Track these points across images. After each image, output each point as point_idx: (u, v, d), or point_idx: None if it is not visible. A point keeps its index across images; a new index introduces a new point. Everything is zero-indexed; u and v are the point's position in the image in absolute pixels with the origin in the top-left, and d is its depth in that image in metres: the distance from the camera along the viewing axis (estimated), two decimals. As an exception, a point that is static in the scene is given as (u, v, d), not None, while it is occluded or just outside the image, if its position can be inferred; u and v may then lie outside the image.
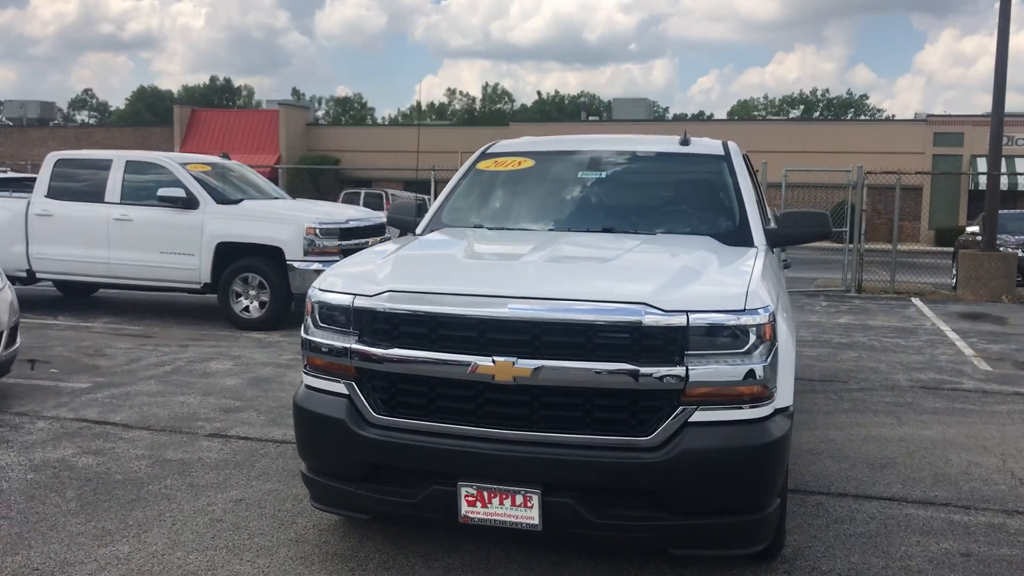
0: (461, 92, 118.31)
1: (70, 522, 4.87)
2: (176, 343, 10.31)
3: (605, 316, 3.77)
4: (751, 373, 3.80)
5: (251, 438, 6.46)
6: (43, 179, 12.05)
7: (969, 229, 19.29)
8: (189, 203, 11.28)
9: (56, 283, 13.48)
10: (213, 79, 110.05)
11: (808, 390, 8.36)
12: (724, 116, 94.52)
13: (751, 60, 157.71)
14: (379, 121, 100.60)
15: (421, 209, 5.75)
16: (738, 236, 5.10)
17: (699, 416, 3.80)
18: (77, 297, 13.85)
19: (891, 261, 16.24)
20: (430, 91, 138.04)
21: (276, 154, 49.78)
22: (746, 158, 6.30)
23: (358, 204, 24.12)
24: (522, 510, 3.85)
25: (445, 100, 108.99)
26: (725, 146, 5.72)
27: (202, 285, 11.35)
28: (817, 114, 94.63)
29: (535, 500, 3.82)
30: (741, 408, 3.84)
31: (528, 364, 3.79)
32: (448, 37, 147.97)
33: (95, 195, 11.74)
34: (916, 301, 15.33)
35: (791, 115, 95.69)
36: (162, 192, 11.23)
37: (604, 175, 5.58)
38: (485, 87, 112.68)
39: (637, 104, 57.91)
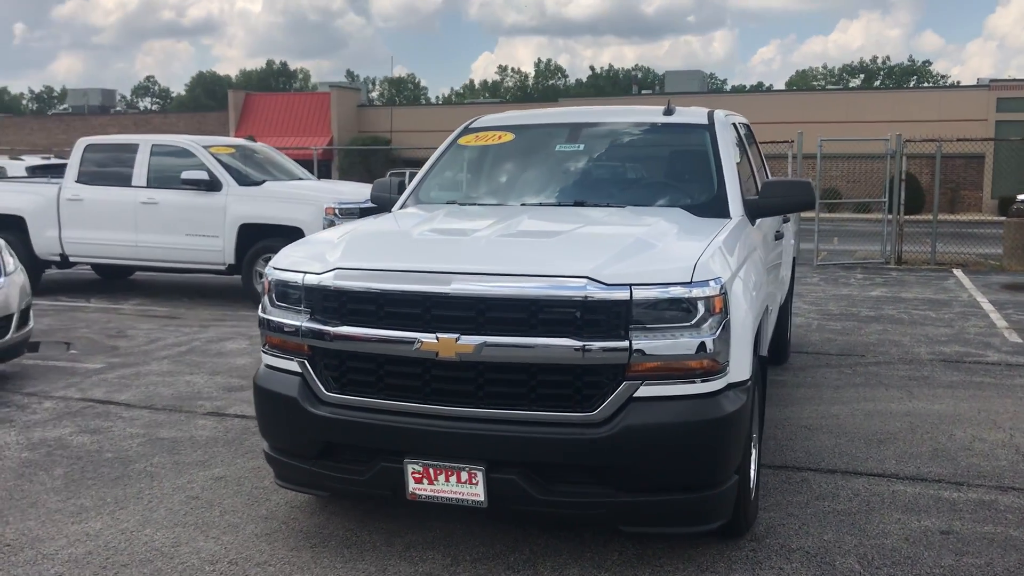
0: (513, 69, 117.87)
1: (51, 499, 4.97)
2: (198, 323, 10.47)
3: (547, 291, 3.71)
4: (700, 347, 3.71)
5: (247, 416, 6.52)
6: (73, 164, 12.30)
7: (1021, 197, 18.65)
8: (212, 185, 11.41)
9: (93, 266, 13.78)
10: (270, 63, 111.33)
11: (822, 364, 8.18)
12: (783, 87, 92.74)
13: (814, 28, 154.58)
14: (432, 101, 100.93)
15: (401, 187, 5.72)
16: (713, 207, 4.98)
17: (645, 391, 3.72)
18: (114, 279, 14.13)
19: (932, 231, 15.77)
20: (485, 69, 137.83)
21: (328, 136, 50.20)
22: (739, 127, 6.15)
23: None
24: (467, 487, 3.82)
25: (498, 78, 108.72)
26: (710, 115, 5.58)
27: (226, 266, 11.50)
28: (878, 83, 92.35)
29: (480, 477, 3.78)
30: (691, 382, 3.75)
31: (471, 340, 3.75)
32: (503, 14, 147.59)
33: (123, 179, 11.95)
34: (957, 272, 14.89)
35: (851, 84, 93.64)
36: (185, 175, 11.38)
37: (581, 147, 5.48)
38: (538, 63, 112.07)
39: (691, 76, 57.02)
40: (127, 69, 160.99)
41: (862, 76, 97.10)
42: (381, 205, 5.81)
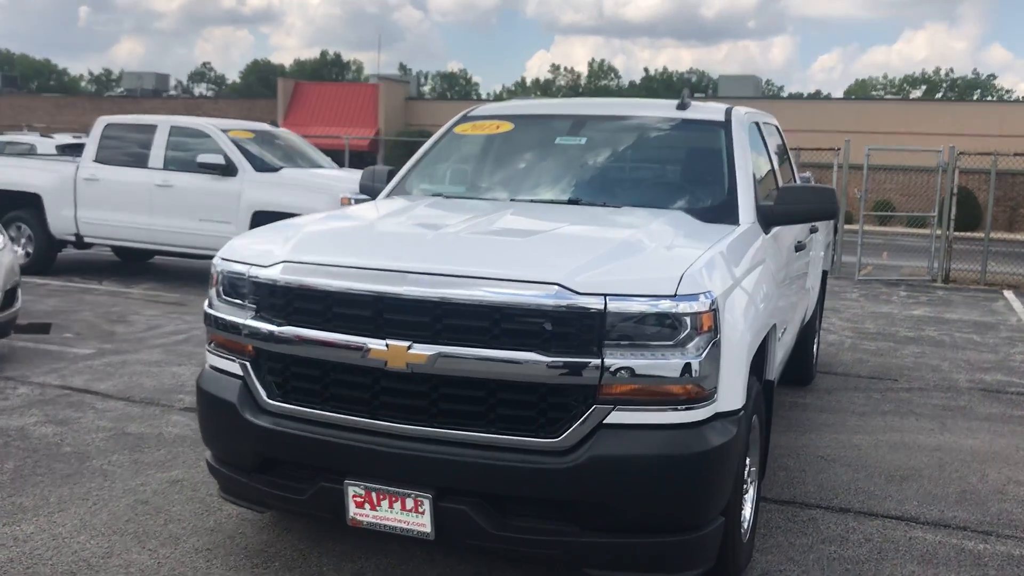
0: (566, 68, 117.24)
1: (-10, 496, 4.62)
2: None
3: (511, 297, 3.26)
4: (684, 369, 3.24)
5: (224, 414, 6.14)
6: (92, 143, 12.07)
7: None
8: (228, 170, 11.10)
9: (112, 248, 13.56)
10: (323, 53, 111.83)
11: (850, 387, 7.60)
12: (841, 96, 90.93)
13: (877, 38, 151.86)
14: (484, 97, 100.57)
15: (391, 176, 5.29)
16: (721, 212, 4.48)
17: (618, 417, 3.25)
18: (133, 262, 13.90)
19: (984, 249, 14.99)
20: (539, 67, 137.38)
21: (375, 128, 50.06)
22: (763, 128, 5.63)
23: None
24: (413, 515, 3.38)
25: (550, 77, 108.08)
26: (728, 112, 5.07)
27: (239, 254, 11.16)
28: (939, 95, 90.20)
29: (426, 505, 3.34)
30: (671, 410, 3.28)
31: (424, 350, 3.31)
32: (560, 13, 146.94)
33: (139, 160, 11.69)
34: (1008, 294, 14.11)
35: (912, 95, 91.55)
36: (201, 159, 11.07)
37: (584, 141, 5.01)
38: (591, 63, 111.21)
39: (744, 81, 55.99)
40: (186, 55, 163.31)
41: (923, 88, 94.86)
42: (370, 195, 5.38)
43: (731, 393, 3.45)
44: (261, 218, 10.92)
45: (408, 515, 3.38)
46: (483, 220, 4.02)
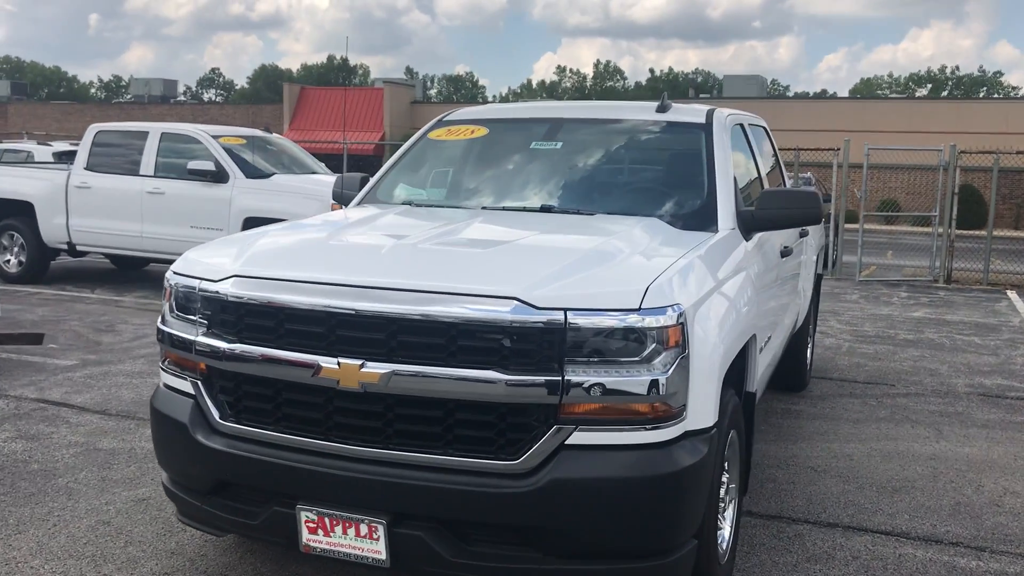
0: (571, 70, 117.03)
1: (-51, 518, 4.49)
2: (194, 320, 10.01)
3: (467, 312, 3.11)
4: (649, 386, 3.08)
5: (200, 428, 6.00)
6: (83, 151, 11.95)
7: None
8: (219, 176, 10.97)
9: (107, 256, 13.45)
10: (331, 58, 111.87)
11: (845, 393, 7.43)
12: (847, 95, 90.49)
13: (883, 36, 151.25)
14: (490, 99, 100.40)
15: (364, 183, 5.14)
16: (699, 218, 4.33)
17: (580, 437, 3.10)
18: (128, 270, 13.79)
19: (986, 249, 14.76)
20: (547, 69, 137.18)
21: (380, 131, 49.96)
22: (749, 130, 5.47)
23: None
24: (367, 542, 3.23)
25: (556, 78, 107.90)
26: (709, 114, 4.90)
27: (230, 261, 11.03)
28: (945, 93, 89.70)
29: (381, 531, 3.19)
30: (637, 429, 3.13)
31: (377, 368, 3.16)
32: (567, 15, 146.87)
33: (131, 168, 11.58)
34: (1011, 295, 13.88)
35: (917, 94, 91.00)
36: (192, 165, 10.95)
37: (559, 146, 4.85)
38: (596, 64, 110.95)
39: (750, 81, 55.73)
40: (195, 61, 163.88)
41: (929, 86, 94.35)
42: (343, 204, 5.24)
43: (702, 410, 3.29)
44: (252, 224, 10.76)
45: (362, 541, 3.23)
46: (447, 230, 3.87)
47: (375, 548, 3.22)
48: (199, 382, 3.54)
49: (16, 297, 11.15)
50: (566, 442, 3.09)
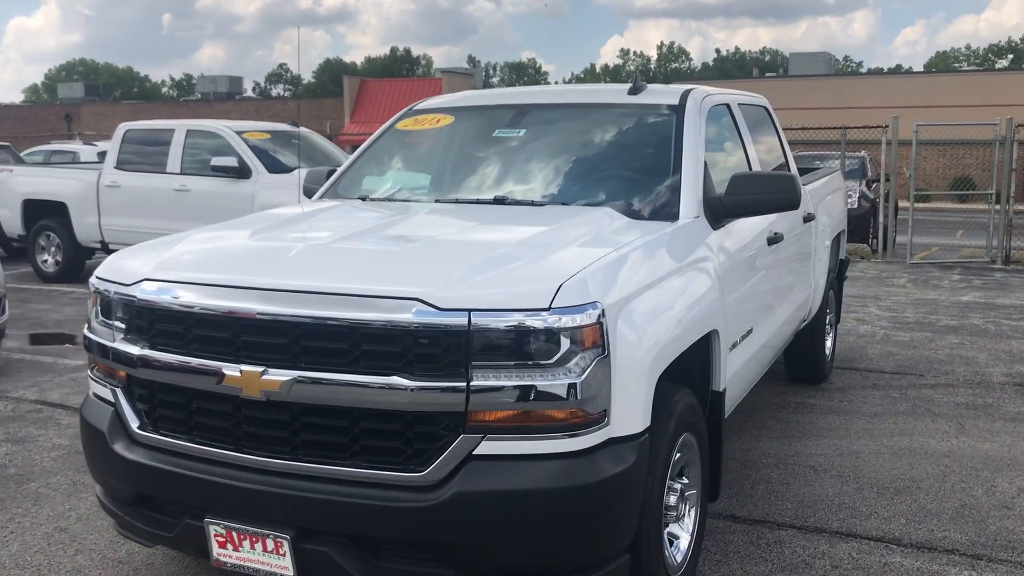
0: (636, 53, 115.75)
1: (-90, 525, 4.47)
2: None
3: (369, 315, 2.92)
4: (562, 391, 2.85)
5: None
6: (113, 150, 12.06)
7: None
8: (242, 172, 10.96)
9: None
10: (394, 50, 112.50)
11: (868, 385, 7.04)
12: (922, 69, 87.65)
13: (964, 6, 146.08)
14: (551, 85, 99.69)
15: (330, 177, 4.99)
16: (658, 207, 4.07)
17: (489, 447, 2.90)
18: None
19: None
20: (613, 53, 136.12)
21: (439, 122, 49.97)
22: (737, 111, 5.15)
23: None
24: (275, 557, 3.08)
25: (620, 62, 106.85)
26: (684, 95, 4.61)
27: (255, 258, 11.02)
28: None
29: (287, 547, 3.03)
30: (551, 437, 2.91)
31: (279, 375, 3.00)
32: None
33: (158, 166, 11.64)
34: (1075, 275, 13.16)
35: (997, 66, 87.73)
36: (215, 162, 10.95)
37: (522, 133, 4.61)
38: (660, 46, 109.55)
39: (817, 58, 54.25)
40: (265, 57, 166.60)
41: (1011, 57, 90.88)
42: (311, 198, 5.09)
43: (629, 415, 3.05)
44: (274, 220, 10.76)
45: (270, 557, 3.08)
46: (376, 227, 3.70)
47: (282, 564, 3.06)
48: (118, 390, 3.43)
49: (50, 296, 11.32)
50: (474, 452, 2.89)
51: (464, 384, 2.85)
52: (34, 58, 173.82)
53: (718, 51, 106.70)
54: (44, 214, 12.38)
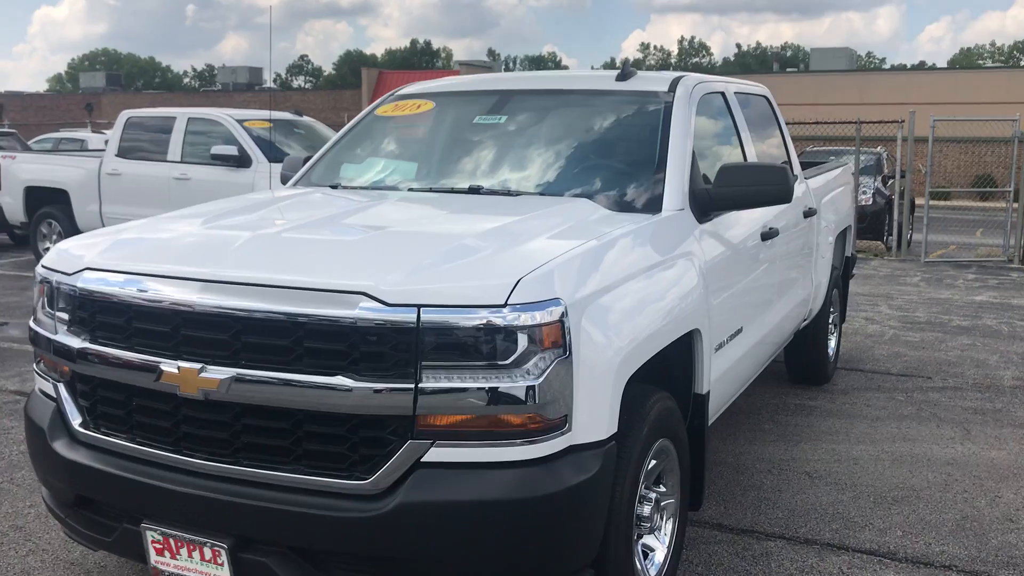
0: (656, 47, 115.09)
1: None
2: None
3: (312, 309, 2.72)
4: (518, 394, 2.65)
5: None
6: (114, 138, 11.92)
7: None
8: (242, 161, 10.79)
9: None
10: (414, 42, 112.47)
11: (872, 387, 6.79)
12: (945, 67, 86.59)
13: (989, 2, 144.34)
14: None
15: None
16: (640, 198, 3.85)
17: (438, 454, 2.70)
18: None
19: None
20: (634, 48, 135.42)
21: (455, 113, 49.80)
22: (729, 99, 4.92)
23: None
24: (213, 567, 2.89)
25: (640, 56, 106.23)
26: (673, 83, 4.38)
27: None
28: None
29: (224, 556, 2.84)
30: (505, 444, 2.70)
31: (217, 373, 2.80)
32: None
33: (158, 154, 11.49)
34: (1095, 275, 12.80)
35: (1022, 63, 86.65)
36: (215, 150, 10.78)
37: (503, 120, 4.40)
38: (681, 40, 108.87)
39: (838, 54, 53.69)
40: (288, 49, 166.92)
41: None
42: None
43: (593, 420, 2.85)
44: (273, 210, 10.59)
45: (208, 566, 2.89)
46: (339, 215, 3.52)
47: (220, 574, 2.87)
48: (60, 385, 3.25)
49: (48, 285, 11.19)
50: (422, 459, 2.69)
51: (412, 386, 2.65)
52: (59, 47, 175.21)
53: (739, 46, 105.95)
54: (46, 201, 12.27)
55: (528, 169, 4.15)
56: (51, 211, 12.26)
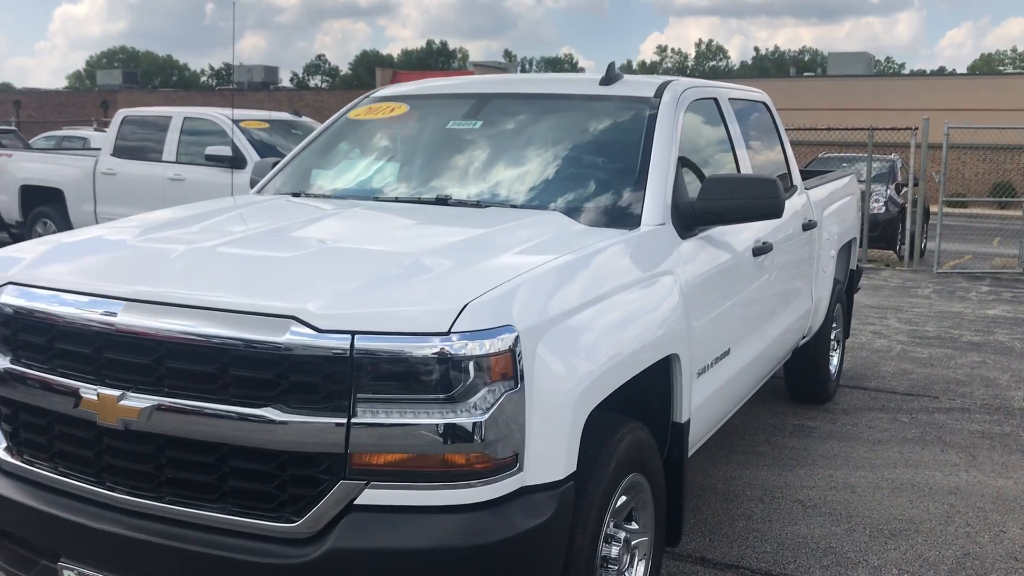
0: (673, 50, 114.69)
1: None
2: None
3: (238, 333, 2.49)
4: (468, 431, 2.40)
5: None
6: (110, 137, 11.75)
7: None
8: (237, 162, 10.55)
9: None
10: (430, 43, 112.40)
11: (876, 407, 6.50)
12: (965, 72, 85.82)
13: (1012, 8, 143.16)
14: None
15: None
16: (617, 212, 3.59)
17: (373, 496, 2.45)
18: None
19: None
20: (652, 51, 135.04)
21: (469, 115, 49.60)
22: (722, 105, 4.64)
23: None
24: (133, 612, 2.64)
25: (657, 59, 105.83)
26: (660, 88, 4.11)
27: (249, 250, 10.66)
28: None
29: (144, 601, 2.60)
30: (448, 486, 2.45)
31: (137, 401, 2.57)
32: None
33: (154, 154, 11.31)
34: (1113, 289, 12.43)
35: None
36: (209, 151, 10.56)
37: (478, 125, 4.14)
38: (698, 44, 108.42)
39: (855, 59, 53.20)
40: (306, 48, 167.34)
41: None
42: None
43: (548, 459, 2.59)
44: (267, 212, 10.38)
45: (127, 610, 2.65)
46: (286, 227, 3.27)
47: (141, 621, 2.63)
48: (-16, 409, 3.02)
49: (40, 286, 11.02)
50: (355, 502, 2.44)
51: (345, 420, 2.41)
52: (79, 45, 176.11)
53: (757, 50, 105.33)
54: (41, 200, 12.11)
55: (500, 178, 3.90)
56: (46, 211, 12.10)
